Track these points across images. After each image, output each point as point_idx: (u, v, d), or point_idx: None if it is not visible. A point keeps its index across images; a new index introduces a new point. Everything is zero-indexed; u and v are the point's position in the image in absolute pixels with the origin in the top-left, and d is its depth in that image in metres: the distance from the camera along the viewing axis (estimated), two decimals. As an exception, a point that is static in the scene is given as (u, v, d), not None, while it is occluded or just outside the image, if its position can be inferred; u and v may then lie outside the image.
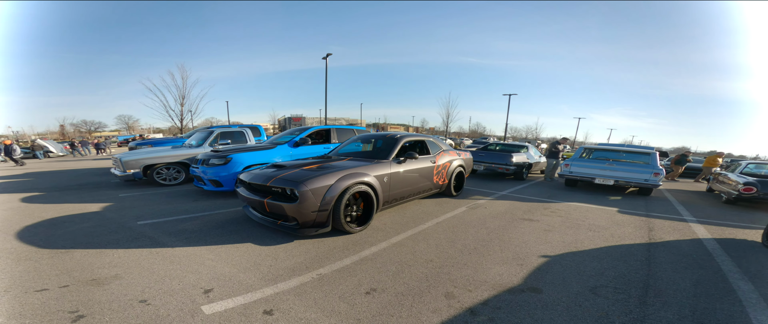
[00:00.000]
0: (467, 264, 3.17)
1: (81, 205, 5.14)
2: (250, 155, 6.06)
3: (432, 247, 3.59)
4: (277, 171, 3.84)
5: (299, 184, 3.37)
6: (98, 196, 5.95)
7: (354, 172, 3.90)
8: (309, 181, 3.42)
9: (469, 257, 3.33)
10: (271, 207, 3.53)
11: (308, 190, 3.36)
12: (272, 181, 3.58)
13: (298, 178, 3.49)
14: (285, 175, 3.66)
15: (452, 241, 3.77)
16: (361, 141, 5.86)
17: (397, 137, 5.09)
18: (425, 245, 3.63)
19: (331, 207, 3.57)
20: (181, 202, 5.33)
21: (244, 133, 8.85)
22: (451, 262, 3.19)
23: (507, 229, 4.34)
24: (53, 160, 16.32)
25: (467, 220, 4.69)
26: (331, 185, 3.56)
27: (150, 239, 3.57)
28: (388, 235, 3.91)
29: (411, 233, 4.00)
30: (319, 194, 3.45)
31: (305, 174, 3.63)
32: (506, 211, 5.30)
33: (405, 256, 3.31)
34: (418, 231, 4.10)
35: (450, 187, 6.09)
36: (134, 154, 7.08)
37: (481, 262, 3.23)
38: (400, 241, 3.73)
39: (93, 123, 66.84)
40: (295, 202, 3.34)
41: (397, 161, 4.64)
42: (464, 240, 3.83)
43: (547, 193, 7.38)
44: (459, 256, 3.36)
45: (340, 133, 8.10)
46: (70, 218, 4.38)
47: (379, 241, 3.67)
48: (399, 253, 3.38)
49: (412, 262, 3.16)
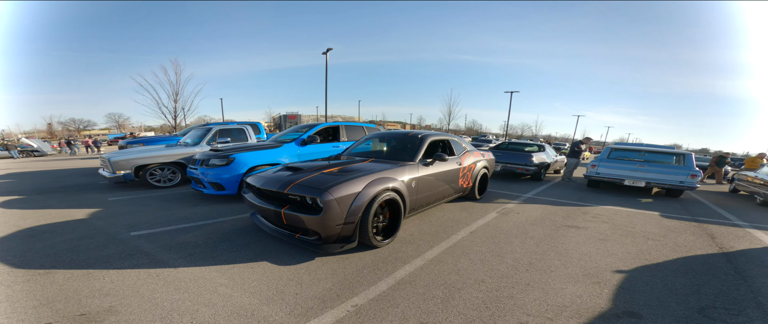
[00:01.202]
0: (530, 284, 2.66)
1: (65, 212, 4.52)
2: (254, 155, 5.46)
3: (477, 263, 3.06)
4: (294, 175, 3.27)
5: (323, 192, 2.81)
6: (85, 200, 5.31)
7: (382, 176, 3.34)
8: (334, 189, 2.86)
9: (527, 275, 2.82)
10: (289, 218, 2.96)
11: (333, 199, 2.80)
12: (290, 187, 3.00)
13: (321, 185, 2.92)
14: (304, 180, 3.09)
15: (499, 255, 3.25)
16: (378, 140, 5.29)
17: (421, 136, 4.54)
18: (468, 261, 3.10)
19: (359, 218, 3.02)
20: (178, 208, 4.73)
21: (244, 130, 8.22)
22: (509, 283, 2.67)
23: (555, 238, 3.85)
24: (38, 160, 15.46)
25: (504, 228, 4.17)
26: (358, 193, 3.00)
27: (147, 256, 2.98)
28: (420, 248, 3.37)
29: (446, 246, 3.47)
30: (346, 204, 2.90)
31: (327, 179, 3.07)
32: (543, 217, 4.79)
33: (449, 276, 2.78)
34: (453, 243, 3.57)
35: (474, 190, 5.57)
36: (124, 154, 6.42)
37: (546, 280, 2.73)
38: (436, 256, 3.20)
39: (82, 121, 65.07)
40: (319, 214, 2.78)
41: (424, 163, 4.09)
42: (513, 253, 3.32)
43: (574, 195, 6.92)
44: (515, 273, 2.85)
45: (350, 130, 7.51)
46: (52, 228, 3.77)
47: (412, 258, 3.14)
48: (440, 272, 2.85)
49: (460, 285, 2.63)
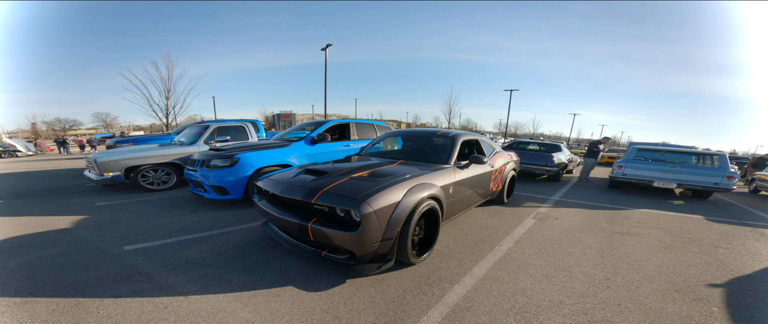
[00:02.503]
0: (622, 304, 2.24)
1: (46, 220, 3.91)
2: (261, 155, 4.90)
3: (541, 280, 2.60)
4: (319, 180, 2.73)
5: (360, 203, 2.26)
6: (69, 205, 4.70)
7: (421, 182, 2.83)
8: (372, 198, 2.32)
9: (610, 293, 2.38)
10: (317, 234, 2.41)
11: (372, 211, 2.26)
12: (319, 196, 2.44)
13: (356, 193, 2.38)
14: (333, 187, 2.54)
15: (564, 269, 2.79)
16: (398, 139, 4.77)
17: (452, 136, 4.03)
18: (529, 278, 2.63)
19: (398, 232, 2.51)
20: (176, 215, 4.16)
21: (244, 127, 7.62)
22: (593, 303, 2.24)
23: (614, 247, 3.43)
24: (20, 160, 14.56)
25: (551, 236, 3.72)
26: (398, 202, 2.48)
27: (148, 279, 2.42)
28: (463, 264, 2.89)
29: (493, 259, 2.99)
30: (385, 216, 2.37)
31: (361, 186, 2.54)
32: (587, 223, 4.36)
33: (513, 298, 2.31)
34: (501, 256, 3.09)
35: (503, 193, 5.11)
36: (113, 154, 5.79)
37: (637, 299, 2.33)
38: (488, 273, 2.72)
39: (67, 121, 62.95)
40: (356, 231, 2.25)
41: (459, 166, 3.59)
42: (578, 266, 2.86)
43: (602, 197, 6.53)
44: (595, 291, 2.41)
45: (360, 128, 6.98)
46: (31, 240, 3.19)
47: (459, 276, 2.65)
48: (501, 293, 2.37)
49: (533, 309, 2.17)
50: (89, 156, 5.85)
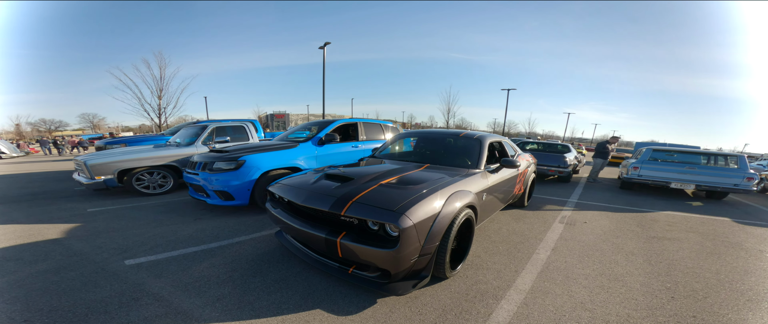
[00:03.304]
0: (697, 317, 2.09)
1: (34, 228, 3.53)
2: (268, 156, 4.56)
3: (597, 291, 2.37)
4: (343, 187, 2.42)
5: (399, 216, 1.95)
6: (58, 212, 4.30)
7: (457, 189, 2.54)
8: (411, 210, 2.02)
9: (679, 304, 2.16)
10: (347, 251, 2.10)
11: (412, 224, 1.96)
12: (348, 207, 2.13)
13: (393, 204, 2.08)
14: (363, 196, 2.23)
15: (616, 279, 2.58)
16: (416, 141, 4.42)
17: (477, 137, 3.74)
18: (583, 290, 2.39)
19: (437, 246, 2.23)
20: (177, 223, 3.81)
21: (244, 127, 7.25)
22: (666, 317, 2.09)
23: (658, 253, 3.24)
24: (4, 162, 13.86)
25: (587, 242, 3.49)
26: (438, 213, 2.19)
27: (158, 301, 2.09)
28: (503, 275, 2.63)
29: (534, 270, 2.74)
30: (424, 229, 2.07)
31: (395, 195, 2.23)
32: (617, 227, 4.15)
33: (575, 313, 2.08)
34: (542, 265, 2.85)
35: (524, 196, 4.87)
36: (104, 156, 5.40)
37: (713, 311, 2.15)
38: (534, 285, 2.46)
39: (53, 122, 61.18)
40: (394, 248, 1.94)
41: (489, 170, 3.34)
42: (630, 275, 2.65)
43: (618, 198, 6.37)
44: (660, 303, 2.21)
45: (368, 127, 6.67)
46: (19, 252, 2.82)
47: (502, 289, 2.40)
48: (558, 308, 2.13)
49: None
50: (78, 158, 5.44)
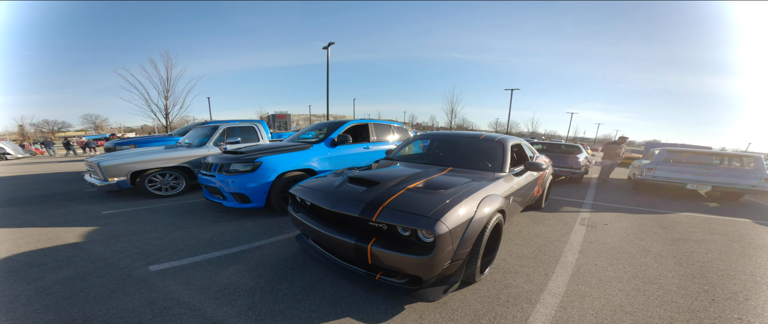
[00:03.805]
0: (743, 319, 2.07)
1: (51, 231, 3.51)
2: (283, 158, 4.52)
3: (635, 293, 2.34)
4: (370, 192, 2.36)
5: (435, 222, 1.91)
6: (73, 214, 4.28)
7: (488, 193, 2.49)
8: (447, 215, 1.97)
9: (721, 308, 2.18)
10: (377, 258, 2.04)
11: (448, 230, 1.91)
12: (380, 212, 2.08)
13: (426, 210, 2.03)
14: (393, 201, 2.17)
15: (650, 281, 2.54)
16: (433, 143, 4.32)
17: (500, 140, 3.67)
18: (620, 293, 2.36)
19: (469, 251, 2.19)
20: (194, 226, 3.77)
21: (254, 128, 7.23)
22: (711, 320, 2.05)
23: (688, 255, 3.19)
24: (10, 163, 13.90)
25: (612, 244, 3.45)
26: (471, 218, 2.15)
27: (191, 310, 2.05)
28: (533, 278, 2.59)
29: (565, 273, 2.70)
30: (458, 234, 2.02)
31: (427, 200, 2.18)
32: (639, 229, 4.10)
33: (616, 317, 2.07)
34: (573, 269, 2.80)
35: (542, 198, 4.81)
36: (117, 157, 5.37)
37: (756, 312, 2.12)
38: (568, 289, 2.43)
39: (56, 123, 61.49)
40: (428, 255, 1.89)
41: (514, 173, 3.28)
42: (663, 277, 2.61)
43: (632, 199, 6.32)
44: (702, 305, 2.22)
45: (378, 128, 6.62)
46: (40, 257, 2.79)
47: (535, 293, 2.36)
48: (598, 312, 2.11)
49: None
50: (91, 159, 5.42)
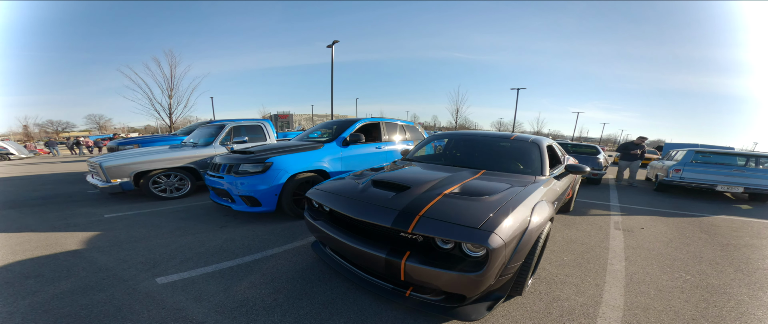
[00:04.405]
0: None
1: (50, 237, 3.26)
2: (294, 158, 4.25)
3: (704, 307, 2.09)
4: (401, 198, 2.07)
5: (489, 234, 1.63)
6: (73, 217, 4.04)
7: (538, 199, 2.22)
8: (501, 226, 1.70)
9: None
10: (413, 274, 1.76)
11: (504, 243, 1.65)
12: (416, 223, 1.79)
13: (473, 219, 1.74)
14: (431, 210, 1.88)
15: (717, 292, 2.36)
16: (457, 142, 4.01)
17: (533, 141, 3.38)
18: (688, 305, 2.13)
19: (520, 264, 1.92)
20: (202, 231, 3.51)
21: (262, 127, 6.96)
22: None
23: (745, 262, 3.00)
24: (13, 164, 13.74)
25: (658, 250, 3.20)
26: (525, 228, 1.87)
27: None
28: (584, 289, 2.33)
29: (617, 283, 2.45)
30: (512, 246, 1.74)
31: (471, 208, 1.89)
32: (680, 233, 3.83)
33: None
34: (624, 278, 2.55)
35: (572, 201, 4.53)
36: (119, 158, 5.13)
37: None
38: (627, 301, 2.17)
39: (60, 123, 61.75)
40: (479, 271, 1.62)
41: (555, 176, 3.00)
42: (729, 287, 2.39)
43: (659, 201, 6.03)
44: None
45: (389, 127, 6.34)
46: (38, 267, 2.55)
47: (590, 306, 2.12)
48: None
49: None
50: (93, 160, 5.18)
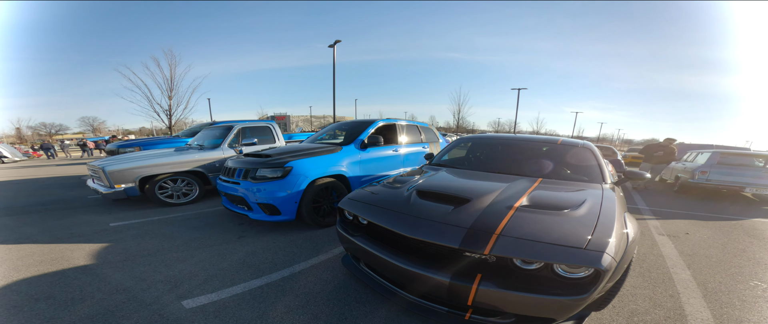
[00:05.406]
0: None
1: (55, 250, 2.98)
2: (313, 162, 3.97)
3: None
4: (463, 212, 1.83)
5: (599, 255, 1.44)
6: (77, 226, 3.76)
7: (624, 210, 2.06)
8: (610, 244, 1.50)
9: None
10: (487, 299, 1.55)
11: (616, 262, 1.48)
12: (495, 243, 1.56)
13: (574, 237, 1.55)
14: (510, 226, 1.66)
15: None
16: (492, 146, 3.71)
17: (584, 146, 3.15)
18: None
19: (617, 281, 1.72)
20: (220, 243, 3.24)
21: (270, 128, 6.70)
22: None
23: None
24: (7, 167, 13.32)
25: (716, 257, 3.10)
26: (627, 243, 1.68)
27: None
28: (660, 302, 2.18)
29: (694, 294, 2.34)
30: (616, 262, 1.52)
31: (560, 223, 1.69)
32: (727, 238, 3.74)
33: None
34: (698, 287, 2.44)
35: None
36: (123, 161, 4.84)
37: None
38: (715, 313, 1.99)
39: (53, 125, 60.79)
40: (583, 295, 1.43)
41: (614, 181, 2.80)
42: None
43: (684, 204, 5.89)
44: None
45: (407, 129, 6.08)
46: (47, 286, 2.27)
47: (675, 320, 1.95)
48: None
49: None
50: (95, 163, 4.89)
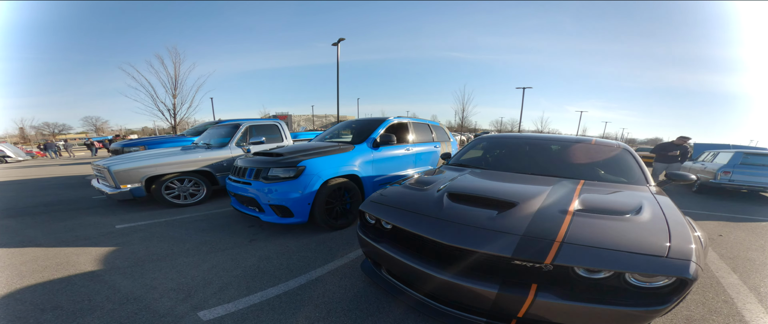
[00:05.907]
0: None
1: (60, 254, 2.85)
2: (326, 162, 3.81)
3: None
4: (511, 217, 1.68)
5: (686, 264, 1.35)
6: (82, 228, 3.63)
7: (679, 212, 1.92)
8: (694, 251, 1.41)
9: None
10: (542, 311, 1.44)
11: (701, 270, 1.41)
12: (557, 252, 1.43)
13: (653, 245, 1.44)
14: (572, 234, 1.51)
15: None
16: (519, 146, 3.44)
17: (619, 146, 3.02)
18: None
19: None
20: (231, 247, 3.10)
21: (278, 127, 6.56)
22: None
23: None
24: (10, 167, 13.25)
25: (758, 260, 3.08)
26: (702, 248, 1.58)
27: None
28: (716, 308, 2.13)
29: (749, 299, 2.31)
30: (702, 270, 1.46)
31: (629, 229, 1.56)
32: (763, 240, 3.59)
33: None
34: (754, 295, 2.24)
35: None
36: (129, 161, 4.70)
37: None
38: None
39: (56, 125, 61.07)
40: (664, 305, 1.35)
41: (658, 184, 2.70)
42: None
43: (704, 204, 5.78)
44: None
45: (418, 127, 5.93)
46: (52, 296, 2.13)
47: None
48: None
49: None
50: (100, 163, 4.76)
